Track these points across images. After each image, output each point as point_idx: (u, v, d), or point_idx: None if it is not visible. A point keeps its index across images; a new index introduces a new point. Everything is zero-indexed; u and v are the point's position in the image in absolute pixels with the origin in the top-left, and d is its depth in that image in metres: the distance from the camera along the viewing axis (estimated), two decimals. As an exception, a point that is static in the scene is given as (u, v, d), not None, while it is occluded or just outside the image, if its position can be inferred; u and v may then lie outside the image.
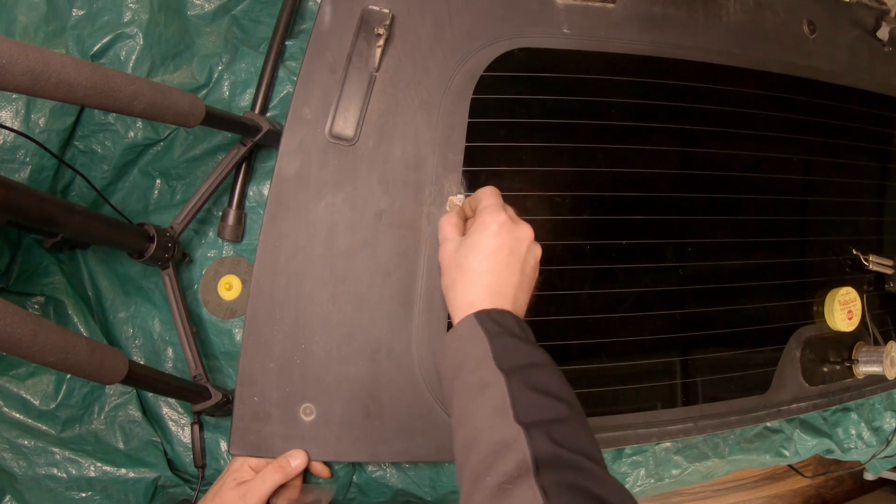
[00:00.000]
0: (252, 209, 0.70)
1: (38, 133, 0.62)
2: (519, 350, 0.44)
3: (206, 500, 0.57)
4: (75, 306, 0.65)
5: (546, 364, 0.45)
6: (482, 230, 0.49)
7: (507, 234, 0.49)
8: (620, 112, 0.68)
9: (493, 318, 0.46)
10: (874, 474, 1.34)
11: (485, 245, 0.49)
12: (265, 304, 0.59)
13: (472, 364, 0.44)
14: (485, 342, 0.44)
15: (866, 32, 0.84)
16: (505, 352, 0.44)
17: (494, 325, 0.45)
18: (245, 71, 0.69)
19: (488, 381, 0.43)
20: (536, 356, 0.45)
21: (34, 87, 0.38)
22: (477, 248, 0.49)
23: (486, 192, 0.53)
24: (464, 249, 0.49)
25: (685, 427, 0.69)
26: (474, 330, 0.45)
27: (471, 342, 0.45)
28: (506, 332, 0.45)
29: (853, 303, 0.77)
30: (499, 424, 0.40)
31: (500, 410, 0.41)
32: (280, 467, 0.57)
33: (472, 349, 0.45)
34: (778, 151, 0.76)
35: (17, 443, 0.61)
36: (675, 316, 0.70)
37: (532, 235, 0.51)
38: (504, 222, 0.49)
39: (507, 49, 0.65)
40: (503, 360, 0.43)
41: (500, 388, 0.42)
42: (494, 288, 0.48)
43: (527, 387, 0.42)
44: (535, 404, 0.41)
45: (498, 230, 0.49)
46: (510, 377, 0.42)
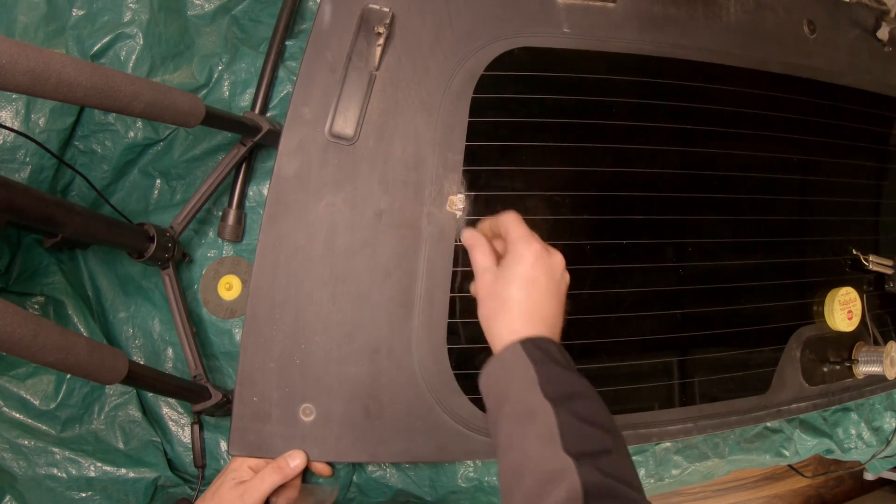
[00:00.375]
0: (252, 209, 0.70)
1: (38, 133, 0.62)
2: (564, 378, 0.45)
3: (205, 500, 0.57)
4: (75, 306, 0.65)
5: (589, 393, 0.46)
6: (520, 261, 0.50)
7: (543, 263, 0.50)
8: (620, 112, 0.68)
9: (538, 346, 0.47)
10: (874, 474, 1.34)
11: (524, 275, 0.49)
12: (265, 304, 0.59)
13: (519, 391, 0.45)
14: (531, 369, 0.45)
15: (866, 32, 0.84)
16: (551, 380, 0.45)
17: (539, 353, 0.46)
18: (245, 71, 0.69)
19: (536, 410, 0.43)
20: (580, 385, 0.46)
21: (34, 87, 0.38)
22: (516, 279, 0.49)
23: (512, 220, 0.53)
24: (503, 280, 0.50)
25: (685, 427, 0.69)
26: (520, 357, 0.46)
27: (516, 369, 0.46)
28: (550, 359, 0.46)
29: (853, 303, 0.77)
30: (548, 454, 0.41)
31: (549, 440, 0.42)
32: (279, 468, 0.57)
33: (518, 376, 0.46)
34: (778, 151, 0.76)
35: (17, 443, 0.61)
36: (675, 316, 0.70)
37: (563, 261, 0.53)
38: (540, 252, 0.50)
39: (507, 49, 0.65)
40: (549, 389, 0.44)
41: (548, 418, 0.43)
42: (536, 316, 0.49)
43: (574, 416, 0.43)
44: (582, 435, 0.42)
45: (535, 260, 0.50)
46: (557, 406, 0.43)
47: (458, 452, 0.61)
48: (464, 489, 0.71)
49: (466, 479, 0.71)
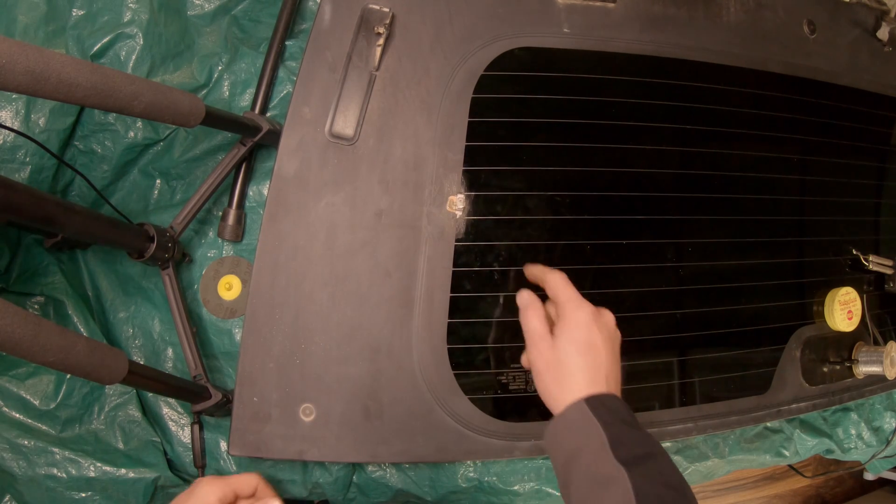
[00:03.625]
0: (252, 209, 0.70)
1: (38, 133, 0.62)
2: (634, 439, 0.45)
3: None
4: (75, 306, 0.65)
5: (659, 452, 0.45)
6: (576, 326, 0.50)
7: (597, 325, 0.50)
8: (620, 112, 0.68)
9: (605, 405, 0.46)
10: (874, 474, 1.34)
11: (582, 340, 0.49)
12: (265, 304, 0.59)
13: (591, 454, 0.44)
14: (601, 431, 0.44)
15: (866, 32, 0.84)
16: (622, 441, 0.44)
17: (607, 413, 0.46)
18: (245, 71, 0.69)
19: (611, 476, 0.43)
20: (649, 445, 0.45)
21: (34, 87, 0.38)
22: (574, 345, 0.49)
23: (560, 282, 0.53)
24: (561, 348, 0.50)
25: (685, 427, 0.69)
26: (587, 418, 0.45)
27: (584, 431, 0.45)
28: (618, 419, 0.46)
29: (853, 303, 0.77)
30: None
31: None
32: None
33: (587, 438, 0.45)
34: (778, 151, 0.76)
35: (17, 443, 0.61)
36: (675, 316, 0.70)
37: (613, 318, 0.53)
38: (593, 313, 0.50)
39: (507, 49, 0.65)
40: (621, 451, 0.43)
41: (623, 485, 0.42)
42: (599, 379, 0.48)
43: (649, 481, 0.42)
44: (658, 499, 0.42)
45: (589, 324, 0.50)
46: (632, 470, 0.42)
47: (458, 452, 0.61)
48: (464, 489, 0.71)
49: (466, 479, 0.71)
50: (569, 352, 0.49)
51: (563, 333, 0.50)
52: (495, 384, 0.62)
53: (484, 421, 0.61)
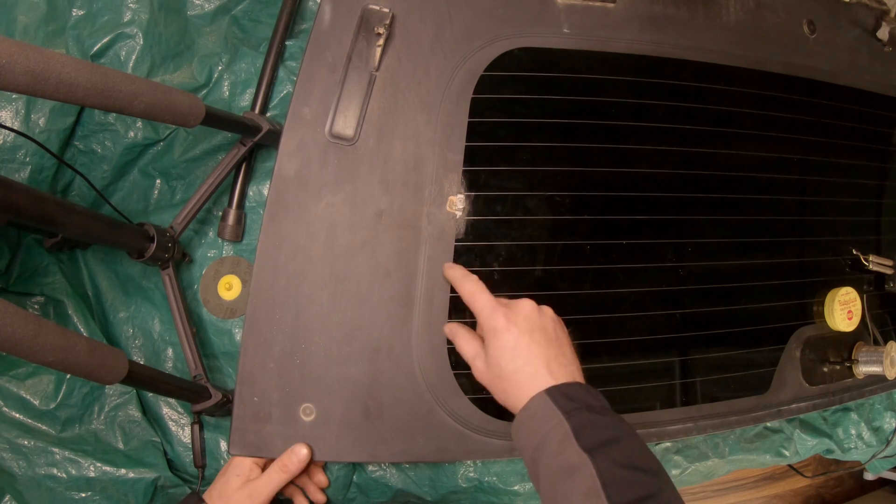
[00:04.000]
0: (252, 209, 0.70)
1: (38, 133, 0.62)
2: (598, 424, 0.44)
3: (212, 498, 0.57)
4: (75, 306, 0.65)
5: (626, 434, 0.45)
6: (493, 337, 0.50)
7: (514, 324, 0.50)
8: (620, 112, 0.68)
9: (565, 393, 0.46)
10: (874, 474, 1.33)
11: (508, 345, 0.49)
12: (265, 304, 0.59)
13: (555, 446, 0.44)
14: (563, 421, 0.44)
15: (866, 32, 0.84)
16: (585, 429, 0.44)
17: (568, 401, 0.45)
18: (245, 71, 0.69)
19: (575, 465, 0.42)
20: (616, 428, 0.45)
21: (34, 87, 0.38)
22: (502, 354, 0.49)
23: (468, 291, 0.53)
24: (492, 362, 0.50)
25: (685, 427, 0.69)
26: (548, 409, 0.45)
27: (547, 422, 0.45)
28: (581, 406, 0.45)
29: (853, 303, 0.77)
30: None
31: (592, 494, 0.41)
32: (284, 466, 0.57)
33: (550, 430, 0.45)
34: (778, 151, 0.76)
35: (17, 443, 0.61)
36: (675, 316, 0.70)
37: (533, 305, 0.52)
38: (505, 315, 0.50)
39: (507, 49, 0.65)
40: (585, 439, 0.43)
41: (587, 471, 0.42)
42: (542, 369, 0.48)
43: (614, 465, 0.42)
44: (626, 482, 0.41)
45: (506, 327, 0.50)
46: (596, 457, 0.42)
47: (458, 452, 0.61)
48: (464, 489, 0.71)
49: (466, 479, 0.71)
50: (500, 361, 0.49)
51: (489, 346, 0.51)
52: (495, 384, 0.62)
53: (484, 421, 0.61)
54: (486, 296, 0.53)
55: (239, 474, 0.57)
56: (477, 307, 0.52)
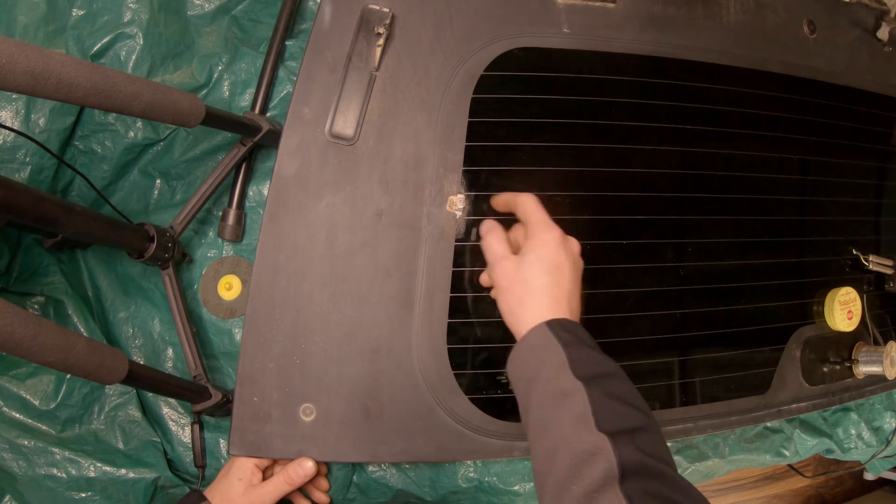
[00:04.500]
0: (252, 209, 0.70)
1: (38, 133, 0.62)
2: (593, 359, 0.45)
3: (214, 499, 0.57)
4: (75, 306, 0.65)
5: (619, 373, 0.46)
6: (543, 245, 0.50)
7: (565, 248, 0.50)
8: (620, 112, 0.68)
9: (565, 327, 0.46)
10: (874, 474, 1.33)
11: (549, 260, 0.49)
12: (265, 304, 0.59)
13: (549, 373, 0.45)
14: (560, 351, 0.45)
15: (866, 32, 0.84)
16: (580, 360, 0.44)
17: (567, 334, 0.46)
18: (245, 71, 0.69)
19: (567, 390, 0.43)
20: (609, 365, 0.46)
21: (34, 87, 0.38)
22: (541, 264, 0.49)
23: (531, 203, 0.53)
24: (526, 266, 0.50)
25: (685, 427, 0.69)
26: (547, 339, 0.46)
27: (545, 351, 0.45)
28: (578, 340, 0.46)
29: (853, 303, 0.77)
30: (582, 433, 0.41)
31: (583, 419, 0.41)
32: (290, 479, 0.58)
33: (547, 358, 0.45)
34: (778, 151, 0.76)
35: (17, 443, 0.61)
36: (675, 316, 0.70)
37: (580, 249, 0.53)
38: (562, 237, 0.51)
39: (507, 49, 0.64)
40: (580, 369, 0.44)
41: (580, 397, 0.42)
42: (562, 301, 0.49)
43: (606, 395, 0.42)
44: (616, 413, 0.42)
45: (557, 245, 0.50)
46: (589, 386, 0.43)
47: (458, 452, 0.61)
48: (464, 489, 0.71)
49: (467, 479, 0.71)
50: (535, 270, 0.49)
51: (531, 251, 0.50)
52: (495, 384, 0.62)
53: (484, 421, 0.61)
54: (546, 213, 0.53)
55: (241, 478, 0.57)
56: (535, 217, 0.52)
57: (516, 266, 0.50)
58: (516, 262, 0.50)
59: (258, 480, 0.58)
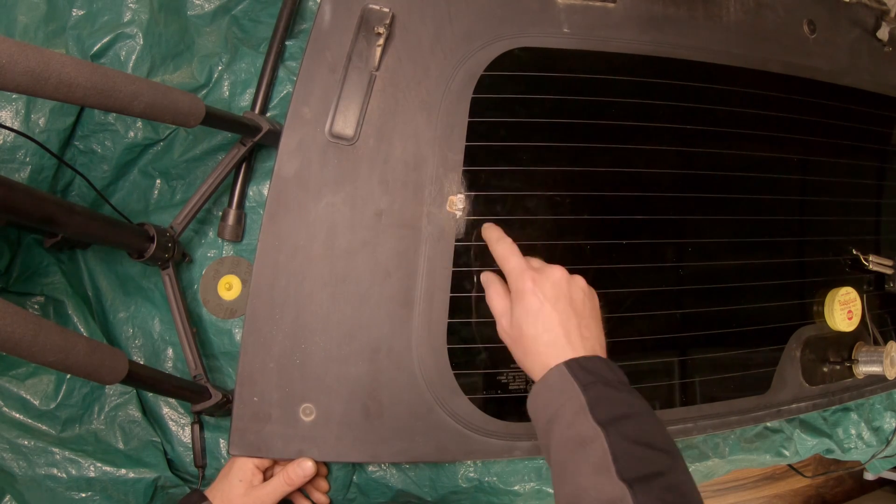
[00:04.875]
0: (252, 209, 0.70)
1: (38, 133, 0.62)
2: (614, 399, 0.44)
3: (214, 499, 0.57)
4: (75, 306, 0.65)
5: (642, 412, 0.45)
6: (519, 299, 0.50)
7: (541, 289, 0.50)
8: (620, 112, 0.68)
9: (583, 366, 0.46)
10: (874, 474, 1.33)
11: (532, 308, 0.49)
12: (265, 304, 0.59)
13: (569, 417, 0.44)
14: (579, 394, 0.44)
15: (866, 32, 0.84)
16: (600, 403, 0.44)
17: (585, 374, 0.45)
18: (245, 71, 0.69)
19: (587, 437, 0.42)
20: (632, 404, 0.45)
21: (34, 87, 0.38)
22: (524, 318, 0.50)
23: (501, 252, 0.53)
24: (515, 323, 0.50)
25: (685, 427, 0.69)
26: (565, 380, 0.45)
27: (563, 394, 0.45)
28: (598, 380, 0.45)
29: (853, 303, 0.77)
30: (602, 482, 0.40)
31: (603, 467, 0.41)
32: (289, 480, 0.58)
33: (566, 401, 0.45)
34: (778, 151, 0.76)
35: (17, 443, 0.61)
36: (675, 316, 0.70)
37: (563, 273, 0.52)
38: (533, 280, 0.50)
39: (507, 49, 0.64)
40: (599, 413, 0.43)
41: (599, 444, 0.41)
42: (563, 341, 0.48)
43: (626, 440, 0.42)
44: (636, 458, 0.41)
45: (532, 291, 0.50)
46: (609, 430, 0.42)
47: (458, 452, 0.61)
48: (464, 489, 0.71)
49: (467, 479, 0.71)
50: (522, 324, 0.49)
51: (514, 307, 0.51)
52: (495, 384, 0.62)
53: (484, 421, 0.61)
54: (518, 259, 0.52)
55: (242, 479, 0.58)
56: (507, 267, 0.52)
57: (509, 323, 0.51)
58: (509, 318, 0.51)
59: (259, 481, 0.58)
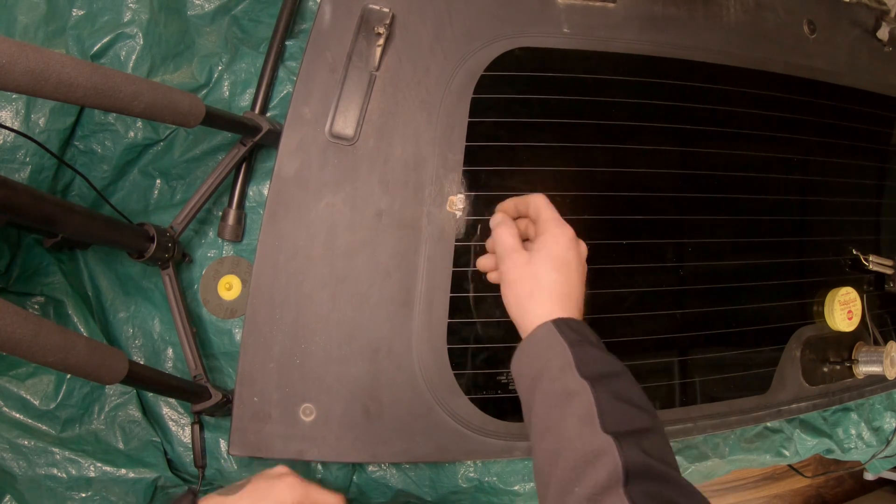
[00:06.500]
0: (252, 209, 0.70)
1: (38, 133, 0.62)
2: (598, 359, 0.45)
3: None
4: (75, 306, 0.65)
5: (624, 373, 0.45)
6: (556, 242, 0.50)
7: (575, 246, 0.51)
8: (620, 112, 0.68)
9: (571, 327, 0.46)
10: (874, 474, 1.34)
11: (560, 257, 0.49)
12: (265, 304, 0.59)
13: (555, 372, 0.44)
14: (566, 350, 0.44)
15: (866, 32, 0.84)
16: (586, 360, 0.44)
17: (573, 334, 0.46)
18: (245, 71, 0.69)
19: (573, 390, 0.43)
20: (616, 365, 0.46)
21: (34, 87, 0.38)
22: (553, 260, 0.49)
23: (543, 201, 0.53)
24: (538, 261, 0.49)
25: (685, 427, 0.69)
26: (553, 338, 0.46)
27: (551, 350, 0.45)
28: (584, 340, 0.46)
29: (853, 303, 0.77)
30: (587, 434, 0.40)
31: (588, 419, 0.41)
32: None
33: (552, 357, 0.45)
34: (778, 151, 0.76)
35: (17, 443, 0.61)
36: (675, 316, 0.70)
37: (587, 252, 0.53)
38: (573, 235, 0.51)
39: (507, 49, 0.64)
40: (585, 369, 0.43)
41: (585, 397, 0.42)
42: (570, 299, 0.49)
43: (612, 396, 0.42)
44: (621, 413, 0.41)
45: (569, 243, 0.50)
46: (595, 386, 0.42)
47: (458, 452, 0.61)
48: (464, 489, 0.71)
49: (466, 479, 0.71)
50: (547, 266, 0.49)
51: (543, 248, 0.50)
52: (495, 384, 0.62)
53: (484, 421, 0.61)
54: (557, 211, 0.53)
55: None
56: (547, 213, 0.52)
57: (527, 260, 0.50)
58: (527, 256, 0.50)
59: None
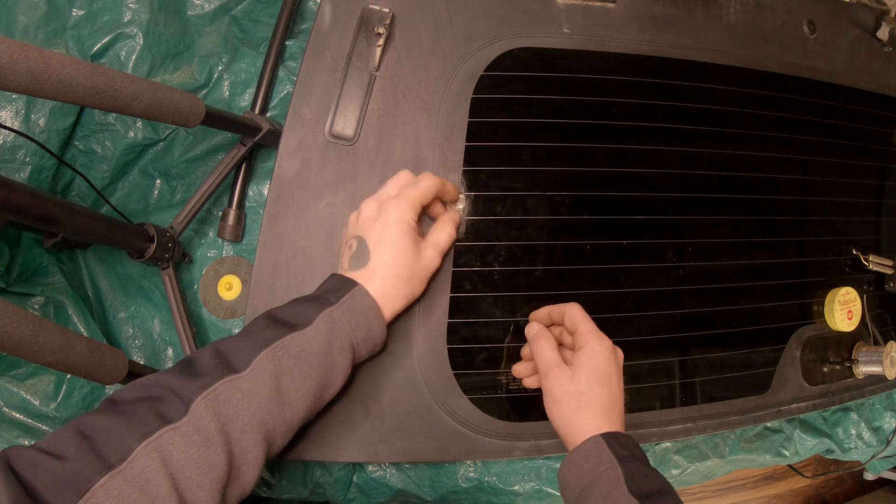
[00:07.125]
0: (252, 209, 0.70)
1: (38, 133, 0.62)
2: (647, 476, 0.46)
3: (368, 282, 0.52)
4: (75, 306, 0.65)
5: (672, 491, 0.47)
6: (597, 356, 0.51)
7: (615, 357, 0.52)
8: (620, 112, 0.68)
9: (620, 441, 0.47)
10: (874, 474, 1.34)
11: (602, 371, 0.50)
12: (265, 304, 0.59)
13: (605, 488, 0.45)
14: (616, 466, 0.46)
15: (866, 32, 0.84)
16: (635, 477, 0.45)
17: (622, 449, 0.47)
18: (245, 71, 0.69)
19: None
20: (663, 483, 0.47)
21: (34, 87, 0.38)
22: (595, 375, 0.50)
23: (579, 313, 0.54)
24: (581, 377, 0.51)
25: (685, 427, 0.69)
26: (603, 452, 0.47)
27: (600, 464, 0.46)
28: (633, 456, 0.47)
29: (853, 303, 0.77)
30: None
31: None
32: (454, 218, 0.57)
33: (602, 472, 0.46)
34: (778, 151, 0.76)
35: (17, 443, 0.61)
36: (674, 316, 0.70)
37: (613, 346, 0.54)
38: (611, 346, 0.52)
39: (507, 49, 0.65)
40: (635, 487, 0.44)
41: None
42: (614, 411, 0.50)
43: None
44: None
45: (609, 356, 0.51)
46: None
47: (458, 452, 0.61)
48: (464, 489, 0.71)
49: (466, 479, 0.71)
50: (590, 382, 0.50)
51: (585, 363, 0.51)
52: (495, 384, 0.62)
53: (484, 421, 0.61)
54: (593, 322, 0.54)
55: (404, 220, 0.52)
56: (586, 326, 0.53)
57: (570, 377, 0.51)
58: (570, 372, 0.51)
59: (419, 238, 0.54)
